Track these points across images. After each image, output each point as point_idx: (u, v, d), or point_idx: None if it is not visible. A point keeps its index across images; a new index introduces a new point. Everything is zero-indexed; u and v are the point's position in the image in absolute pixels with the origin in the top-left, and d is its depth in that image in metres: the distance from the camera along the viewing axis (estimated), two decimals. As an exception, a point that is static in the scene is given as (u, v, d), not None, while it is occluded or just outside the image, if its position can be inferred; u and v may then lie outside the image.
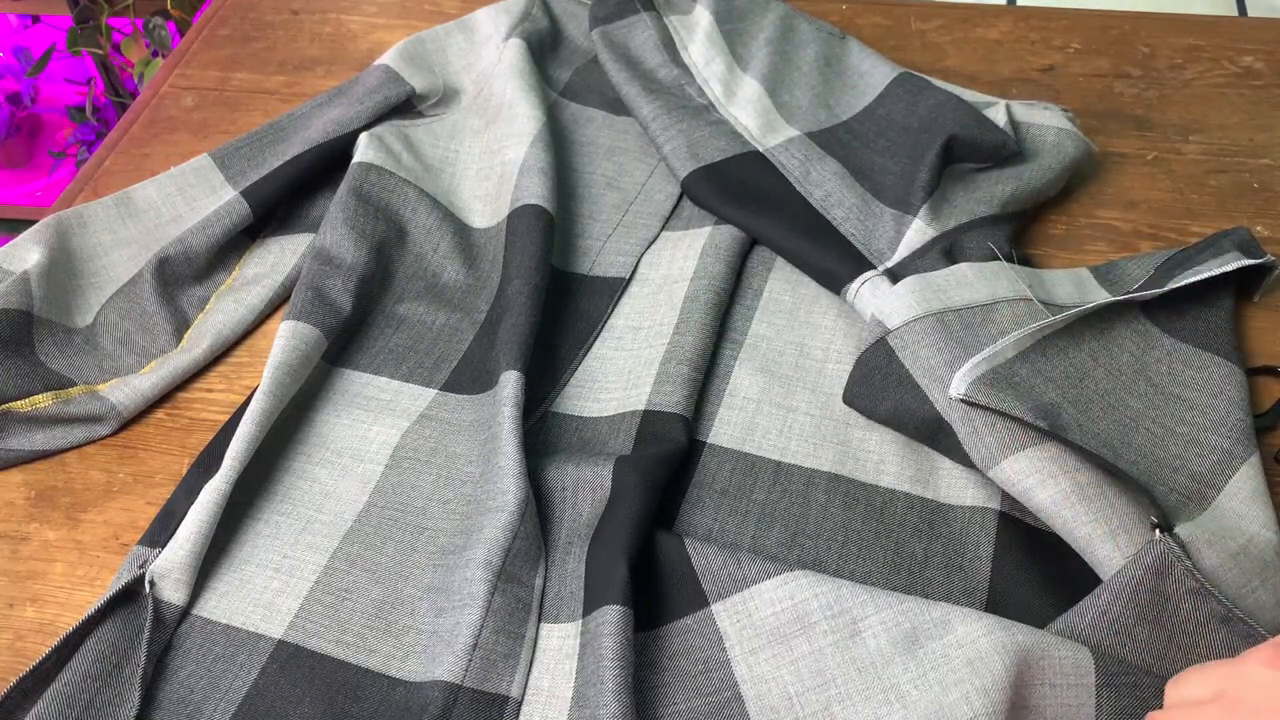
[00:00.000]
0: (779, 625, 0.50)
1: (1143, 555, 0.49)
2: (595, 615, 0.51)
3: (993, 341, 0.59)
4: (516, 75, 0.80)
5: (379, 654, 0.53)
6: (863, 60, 0.82)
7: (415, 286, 0.71)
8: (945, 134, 0.70)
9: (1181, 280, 0.62)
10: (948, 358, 0.58)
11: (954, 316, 0.60)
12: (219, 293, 0.71)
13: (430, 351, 0.67)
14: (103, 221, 0.73)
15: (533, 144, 0.75)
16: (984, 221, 0.69)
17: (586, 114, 0.82)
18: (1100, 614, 0.49)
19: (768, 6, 0.85)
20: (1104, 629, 0.48)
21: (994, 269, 0.63)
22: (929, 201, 0.68)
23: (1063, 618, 0.50)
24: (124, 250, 0.72)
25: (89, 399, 0.63)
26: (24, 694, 0.50)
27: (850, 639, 0.49)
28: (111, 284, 0.70)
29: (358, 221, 0.70)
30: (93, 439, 0.64)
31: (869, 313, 0.63)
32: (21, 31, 1.78)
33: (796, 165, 0.73)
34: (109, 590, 0.53)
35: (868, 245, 0.67)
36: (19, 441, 0.63)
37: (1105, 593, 0.49)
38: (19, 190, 1.72)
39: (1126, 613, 0.48)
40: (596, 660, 0.49)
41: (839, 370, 0.64)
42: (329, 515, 0.59)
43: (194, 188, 0.75)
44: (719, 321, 0.67)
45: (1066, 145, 0.73)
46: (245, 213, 0.72)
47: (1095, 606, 0.49)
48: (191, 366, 0.67)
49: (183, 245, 0.70)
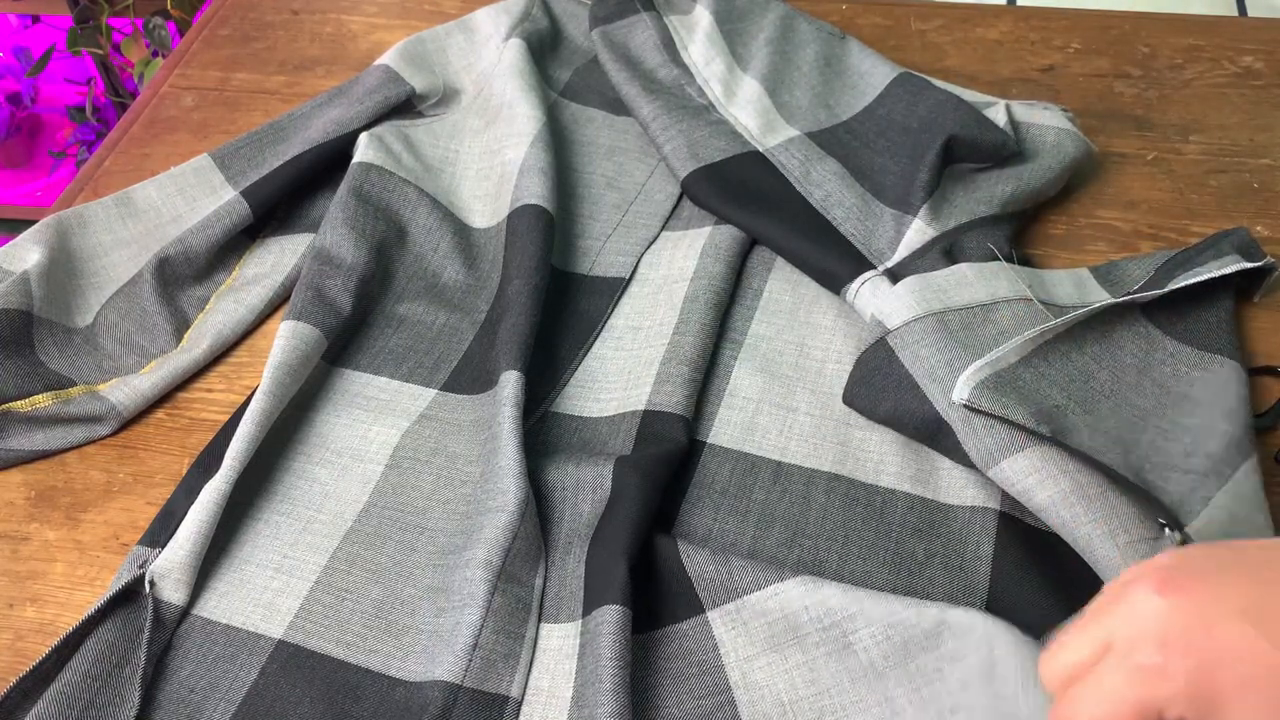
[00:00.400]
0: (773, 634, 0.50)
1: (1153, 553, 0.49)
2: (595, 615, 0.51)
3: (993, 342, 0.59)
4: (516, 75, 0.80)
5: (379, 654, 0.53)
6: (863, 60, 0.82)
7: (415, 286, 0.71)
8: (945, 134, 0.70)
9: (1182, 281, 0.62)
10: (947, 358, 0.58)
11: (954, 316, 0.60)
12: (219, 293, 0.71)
13: (430, 351, 0.67)
14: (103, 221, 0.73)
15: (533, 144, 0.75)
16: (984, 221, 0.69)
17: (586, 114, 0.82)
18: None
19: (768, 6, 0.85)
20: None
21: (994, 269, 0.63)
22: (929, 201, 0.68)
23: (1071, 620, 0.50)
24: (124, 250, 0.72)
25: (89, 399, 0.63)
26: (24, 694, 0.50)
27: (842, 650, 0.49)
28: (111, 284, 0.70)
29: (358, 221, 0.70)
30: (93, 439, 0.64)
31: (869, 313, 0.63)
32: (21, 31, 1.78)
33: (796, 165, 0.73)
34: (109, 590, 0.53)
35: (868, 245, 0.67)
36: (19, 441, 0.63)
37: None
38: (19, 190, 1.72)
39: None
40: (595, 660, 0.49)
41: (839, 370, 0.64)
42: (329, 515, 0.59)
43: (194, 188, 0.75)
44: (719, 321, 0.66)
45: (1066, 145, 0.73)
46: (245, 213, 0.72)
47: None
48: (191, 366, 0.67)
49: (183, 245, 0.70)
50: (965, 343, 0.58)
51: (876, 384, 0.60)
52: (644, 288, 0.70)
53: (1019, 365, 0.57)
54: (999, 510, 0.57)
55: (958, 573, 0.55)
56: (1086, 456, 0.52)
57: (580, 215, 0.75)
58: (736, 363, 0.65)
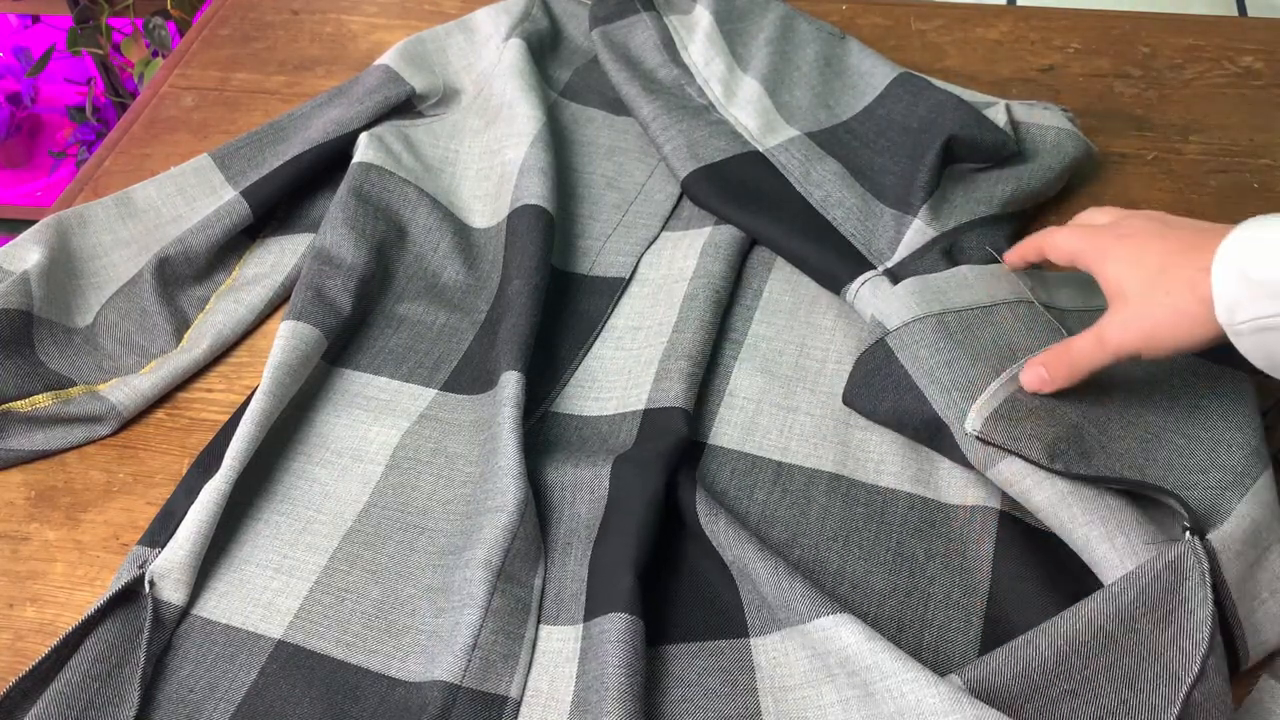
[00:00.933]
0: (810, 670, 0.50)
1: (1167, 551, 0.49)
2: (599, 621, 0.51)
3: (992, 345, 0.59)
4: (516, 75, 0.80)
5: (379, 654, 0.53)
6: (863, 60, 0.82)
7: (415, 286, 0.71)
8: (945, 134, 0.70)
9: None
10: (946, 359, 0.58)
11: (954, 318, 0.60)
12: (219, 293, 0.71)
13: (430, 352, 0.67)
14: (103, 221, 0.73)
15: (533, 144, 0.75)
16: (984, 222, 0.68)
17: (586, 114, 0.82)
18: (1109, 598, 0.48)
19: (768, 6, 0.85)
20: (1110, 615, 0.48)
21: (994, 271, 0.63)
22: (929, 202, 0.68)
23: (1079, 604, 0.49)
24: (124, 250, 0.72)
25: (89, 399, 0.63)
26: (24, 694, 0.50)
27: (868, 697, 0.48)
28: (111, 284, 0.70)
29: (358, 221, 0.70)
30: (93, 439, 0.64)
31: (869, 313, 0.63)
32: (21, 31, 1.78)
33: (796, 165, 0.73)
34: (109, 590, 0.53)
35: (868, 245, 0.67)
36: (19, 441, 0.63)
37: (1119, 582, 0.48)
38: (19, 190, 1.72)
39: (1136, 602, 0.48)
40: (600, 666, 0.49)
41: (839, 370, 0.64)
42: (329, 515, 0.59)
43: (194, 188, 0.75)
44: (719, 320, 0.66)
45: (1066, 145, 0.73)
46: (245, 213, 0.72)
47: (1107, 592, 0.48)
48: (191, 366, 0.67)
49: (183, 245, 0.70)
50: (964, 344, 0.58)
51: (876, 385, 0.60)
52: (644, 287, 0.70)
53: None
54: (999, 510, 0.57)
55: (958, 572, 0.55)
56: (1100, 479, 0.52)
57: (580, 215, 0.75)
58: (737, 363, 0.65)
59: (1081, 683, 0.47)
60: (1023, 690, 0.47)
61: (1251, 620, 0.50)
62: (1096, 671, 0.47)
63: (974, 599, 0.54)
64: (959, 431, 0.56)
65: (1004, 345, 0.59)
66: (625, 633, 0.50)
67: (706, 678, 0.51)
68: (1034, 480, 0.53)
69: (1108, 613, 0.48)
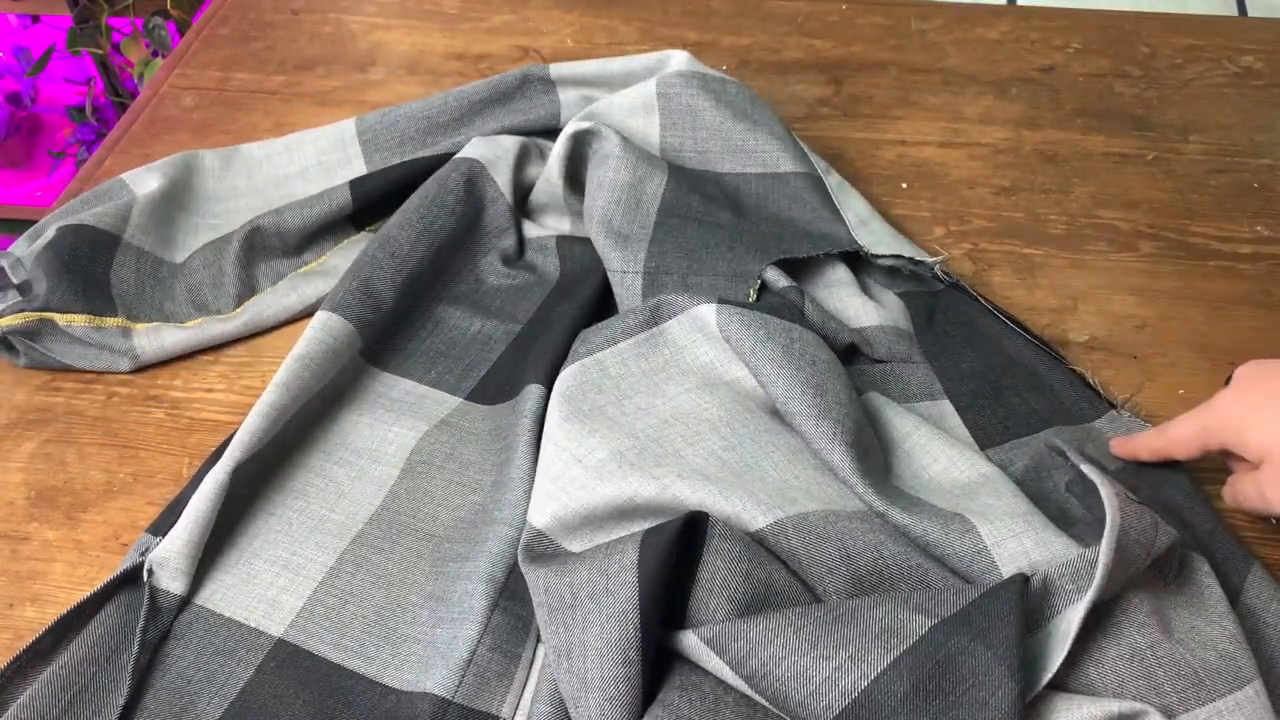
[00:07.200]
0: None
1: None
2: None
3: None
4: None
5: (375, 661, 0.53)
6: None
7: (459, 289, 0.71)
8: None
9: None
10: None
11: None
12: (297, 273, 0.72)
13: (461, 359, 0.67)
14: (239, 167, 0.76)
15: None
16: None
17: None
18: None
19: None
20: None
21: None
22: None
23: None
24: (241, 200, 0.75)
25: (119, 334, 0.66)
26: (20, 672, 0.50)
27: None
28: (213, 232, 0.72)
29: (429, 213, 0.70)
30: (112, 370, 0.67)
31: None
32: (21, 31, 1.78)
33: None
34: (111, 576, 0.53)
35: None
36: (49, 345, 0.66)
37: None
38: (19, 190, 1.72)
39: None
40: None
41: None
42: (341, 516, 0.58)
43: (330, 154, 0.78)
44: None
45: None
46: (346, 201, 0.72)
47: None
48: (221, 336, 0.68)
49: (278, 218, 0.71)
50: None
51: None
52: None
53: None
54: None
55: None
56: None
57: None
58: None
59: None
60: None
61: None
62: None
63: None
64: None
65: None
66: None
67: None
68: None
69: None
